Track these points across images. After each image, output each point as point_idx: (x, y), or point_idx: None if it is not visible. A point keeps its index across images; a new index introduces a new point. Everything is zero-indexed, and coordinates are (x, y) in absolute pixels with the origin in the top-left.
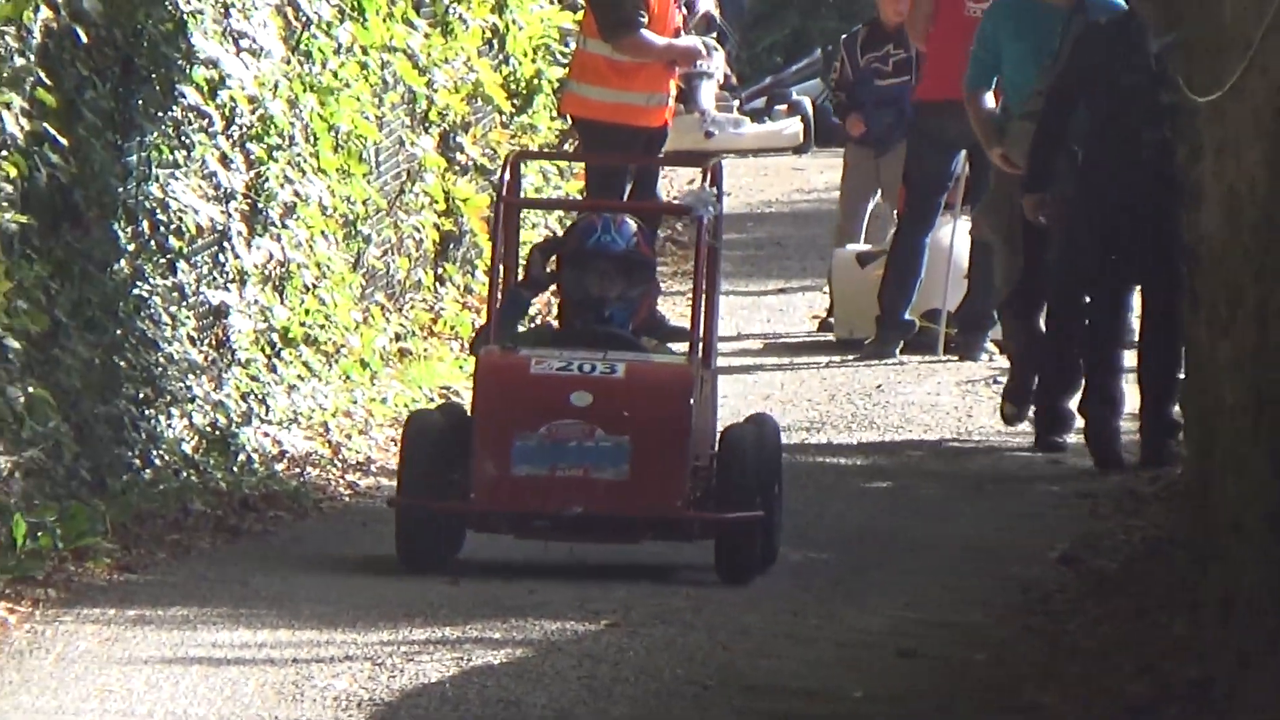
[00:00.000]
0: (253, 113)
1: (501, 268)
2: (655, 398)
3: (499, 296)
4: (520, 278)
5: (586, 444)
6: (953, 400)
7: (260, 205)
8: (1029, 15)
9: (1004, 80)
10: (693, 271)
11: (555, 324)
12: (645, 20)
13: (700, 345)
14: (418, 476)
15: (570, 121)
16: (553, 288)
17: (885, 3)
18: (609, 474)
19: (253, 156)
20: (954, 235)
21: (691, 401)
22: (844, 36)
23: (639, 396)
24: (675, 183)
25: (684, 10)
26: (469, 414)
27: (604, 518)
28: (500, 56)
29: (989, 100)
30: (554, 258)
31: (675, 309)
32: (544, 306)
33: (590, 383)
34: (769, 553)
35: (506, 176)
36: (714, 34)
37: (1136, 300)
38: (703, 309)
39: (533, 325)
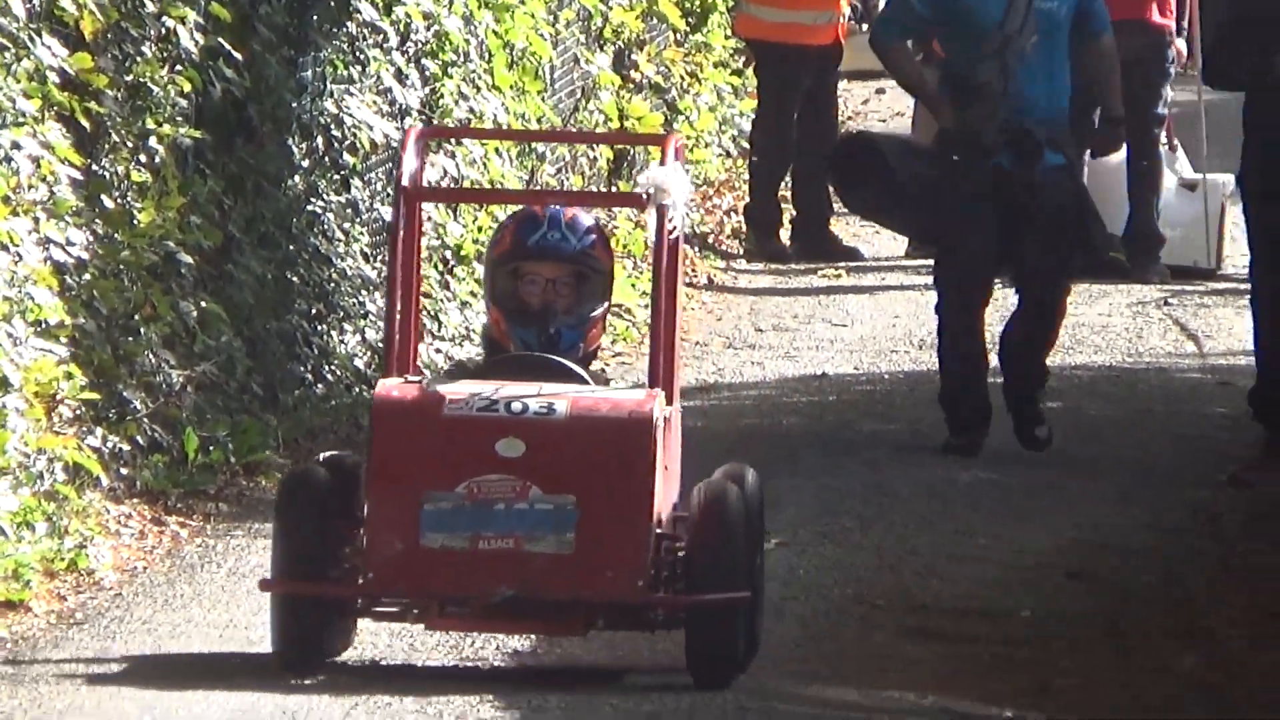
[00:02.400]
0: (428, 29)
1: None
2: (608, 445)
3: (398, 310)
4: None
5: (518, 506)
6: (1124, 322)
7: (435, 121)
8: None
9: (951, 43)
10: (652, 275)
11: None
12: None
13: (661, 375)
14: (297, 553)
15: (744, 41)
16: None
17: None
18: (549, 545)
19: (428, 73)
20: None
21: (656, 449)
22: None
23: (587, 444)
24: (850, 103)
25: None
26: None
27: (543, 602)
28: None
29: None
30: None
31: (849, 229)
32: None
33: (522, 426)
34: (752, 640)
35: (410, 159)
36: None
37: None
38: (663, 325)
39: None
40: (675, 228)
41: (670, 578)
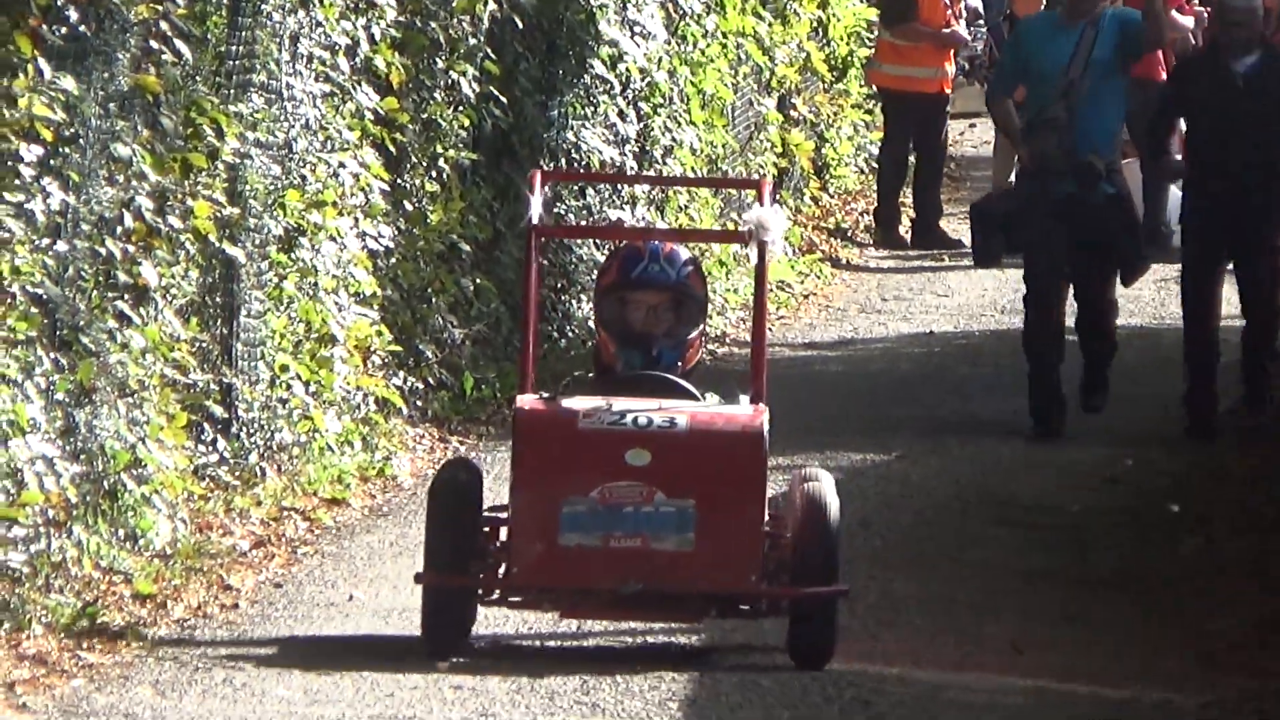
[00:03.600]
0: (642, 80)
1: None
2: (723, 454)
3: (531, 331)
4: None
5: (645, 509)
6: (1150, 293)
7: (647, 148)
8: (1053, 34)
9: (1028, 90)
10: (754, 304)
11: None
12: (916, 14)
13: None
14: (447, 548)
15: (874, 89)
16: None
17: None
18: (671, 544)
19: (642, 112)
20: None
21: (765, 459)
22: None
23: (705, 453)
24: (951, 133)
25: (961, 5)
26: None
27: (666, 594)
28: (824, 40)
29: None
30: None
31: (949, 226)
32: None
33: (648, 438)
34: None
35: (536, 202)
36: (981, 22)
37: None
38: (763, 345)
39: (573, 376)
40: (774, 257)
41: (775, 571)
